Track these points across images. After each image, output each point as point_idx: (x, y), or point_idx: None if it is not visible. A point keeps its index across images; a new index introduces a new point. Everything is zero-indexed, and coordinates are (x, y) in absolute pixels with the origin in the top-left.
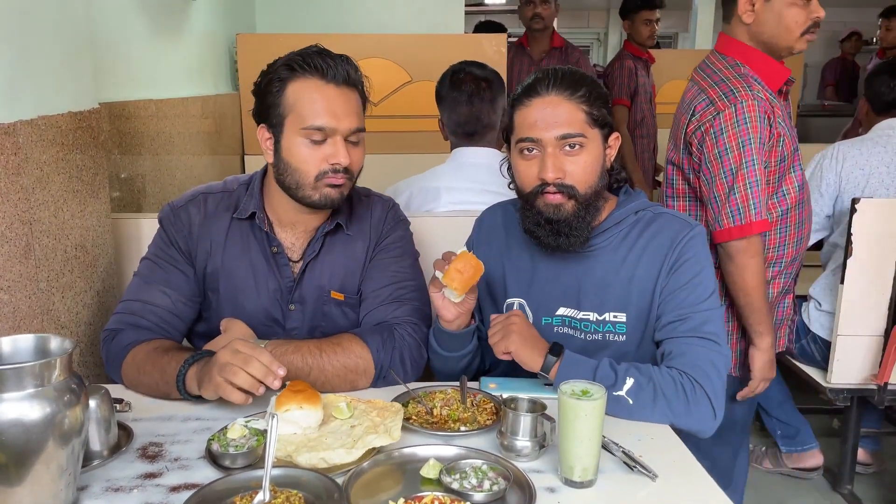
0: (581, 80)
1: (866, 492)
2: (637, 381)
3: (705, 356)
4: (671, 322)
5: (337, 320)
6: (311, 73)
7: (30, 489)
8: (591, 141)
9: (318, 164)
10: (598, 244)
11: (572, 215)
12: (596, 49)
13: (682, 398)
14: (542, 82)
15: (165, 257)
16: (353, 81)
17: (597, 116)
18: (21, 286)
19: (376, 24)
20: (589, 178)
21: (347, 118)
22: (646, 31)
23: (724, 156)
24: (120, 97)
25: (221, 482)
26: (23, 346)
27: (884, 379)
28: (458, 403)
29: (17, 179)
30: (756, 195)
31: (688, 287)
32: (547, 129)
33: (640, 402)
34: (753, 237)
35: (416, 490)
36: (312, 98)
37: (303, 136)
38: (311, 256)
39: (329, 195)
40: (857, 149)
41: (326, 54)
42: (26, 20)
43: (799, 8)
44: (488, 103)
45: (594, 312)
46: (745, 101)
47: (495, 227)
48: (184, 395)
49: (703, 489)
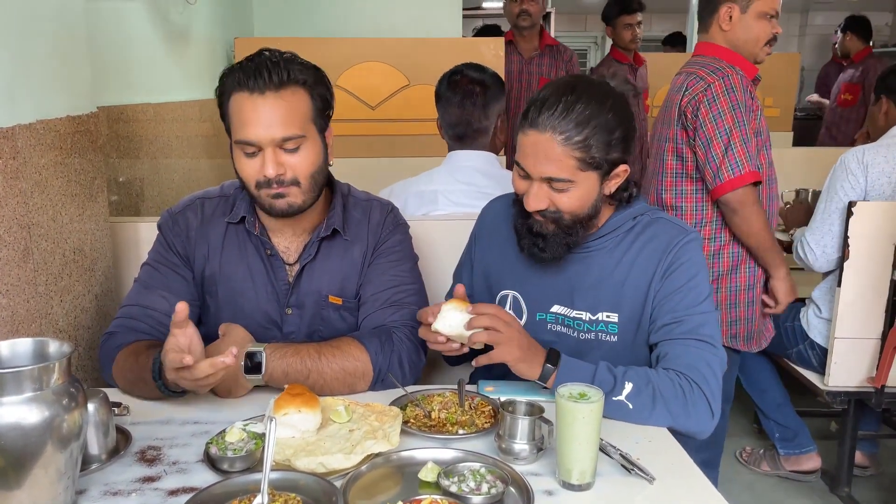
0: (585, 122)
1: (864, 494)
2: (636, 385)
3: (702, 357)
4: (667, 325)
5: (335, 324)
6: (240, 87)
7: (28, 493)
8: (582, 182)
9: (255, 176)
10: (596, 247)
11: (551, 234)
12: (593, 52)
13: (681, 399)
14: (545, 114)
15: (165, 262)
16: (282, 85)
17: (591, 161)
18: (19, 290)
19: (374, 28)
20: (577, 210)
21: (272, 128)
22: (627, 35)
23: (718, 119)
24: (118, 101)
25: (220, 486)
26: (21, 349)
27: (881, 382)
28: (457, 406)
29: (15, 183)
30: (749, 150)
31: (683, 290)
32: (535, 166)
33: (640, 406)
34: (749, 187)
35: (415, 493)
36: (239, 111)
37: (238, 148)
38: (308, 260)
39: (274, 205)
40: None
41: (257, 62)
42: (25, 24)
43: (766, 22)
44: (480, 108)
45: (587, 312)
46: (731, 76)
47: (497, 219)
48: (161, 390)
49: (700, 492)
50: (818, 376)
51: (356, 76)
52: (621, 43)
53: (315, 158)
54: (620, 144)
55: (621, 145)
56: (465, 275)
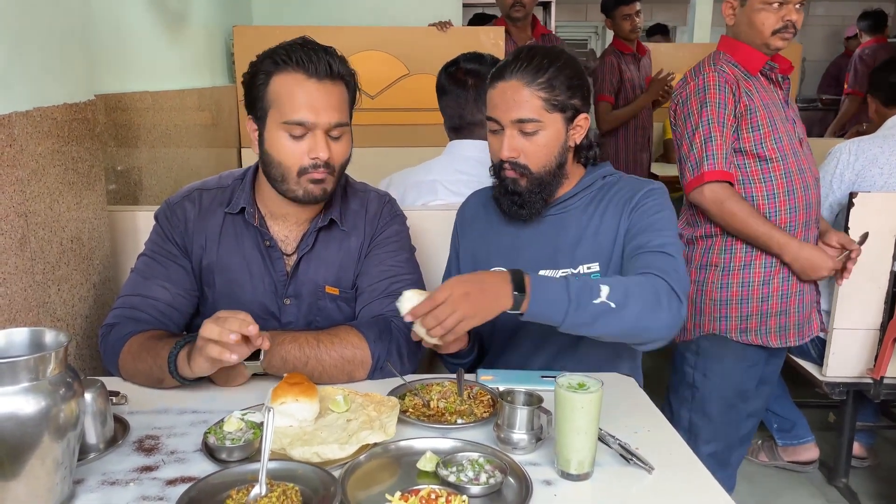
0: (545, 66)
1: (861, 485)
2: (611, 286)
3: (668, 263)
4: (635, 245)
5: (332, 314)
6: (293, 68)
7: (25, 483)
8: (549, 124)
9: (299, 159)
10: (570, 206)
11: (526, 190)
12: (594, 42)
13: (652, 291)
14: (510, 67)
15: (163, 252)
16: (336, 75)
17: (556, 102)
18: (16, 278)
19: (374, 17)
20: (543, 158)
21: (327, 113)
22: (627, 26)
23: (687, 119)
24: (116, 89)
25: (218, 475)
26: (17, 339)
27: (880, 373)
28: (455, 396)
29: (12, 171)
30: (710, 149)
31: (649, 222)
32: (505, 112)
33: (620, 304)
34: (714, 185)
35: (413, 483)
36: (293, 93)
37: (284, 130)
38: (305, 251)
39: (311, 191)
40: (877, 146)
41: (311, 47)
42: (22, 11)
43: (767, 12)
44: (472, 101)
45: (570, 268)
46: (707, 74)
47: (476, 212)
48: (176, 378)
49: (698, 481)
50: (816, 367)
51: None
52: (621, 34)
53: (349, 149)
54: (580, 91)
55: (580, 92)
56: (453, 270)
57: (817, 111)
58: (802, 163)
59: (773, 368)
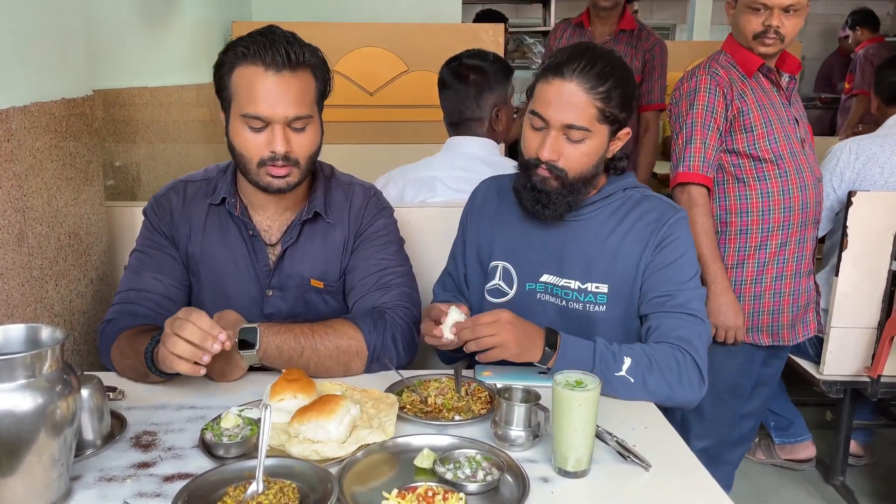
0: (608, 75)
1: (858, 484)
2: (634, 360)
3: (693, 329)
4: (658, 297)
5: (318, 307)
6: (251, 60)
7: (22, 480)
8: (596, 135)
9: (259, 151)
10: (586, 214)
11: (554, 191)
12: None
13: (675, 368)
14: (570, 66)
15: (152, 244)
16: (297, 64)
17: (609, 113)
18: (14, 274)
19: (373, 13)
20: (582, 167)
21: (285, 106)
22: None
23: (676, 120)
24: (114, 84)
25: (215, 472)
26: (14, 336)
27: (877, 371)
28: (453, 392)
29: (9, 166)
30: (688, 151)
31: (674, 266)
32: (557, 112)
33: (640, 379)
34: (690, 187)
35: (410, 480)
36: (250, 85)
37: (243, 122)
38: (290, 243)
39: (271, 184)
40: (878, 145)
41: (272, 38)
42: (20, 6)
43: (749, 15)
44: (472, 98)
45: (577, 281)
46: (700, 76)
47: (488, 197)
48: (154, 372)
49: (695, 479)
50: (814, 365)
51: (355, 62)
52: None
53: (316, 140)
54: (631, 104)
55: (631, 105)
56: (458, 258)
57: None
58: (802, 163)
59: (772, 371)
